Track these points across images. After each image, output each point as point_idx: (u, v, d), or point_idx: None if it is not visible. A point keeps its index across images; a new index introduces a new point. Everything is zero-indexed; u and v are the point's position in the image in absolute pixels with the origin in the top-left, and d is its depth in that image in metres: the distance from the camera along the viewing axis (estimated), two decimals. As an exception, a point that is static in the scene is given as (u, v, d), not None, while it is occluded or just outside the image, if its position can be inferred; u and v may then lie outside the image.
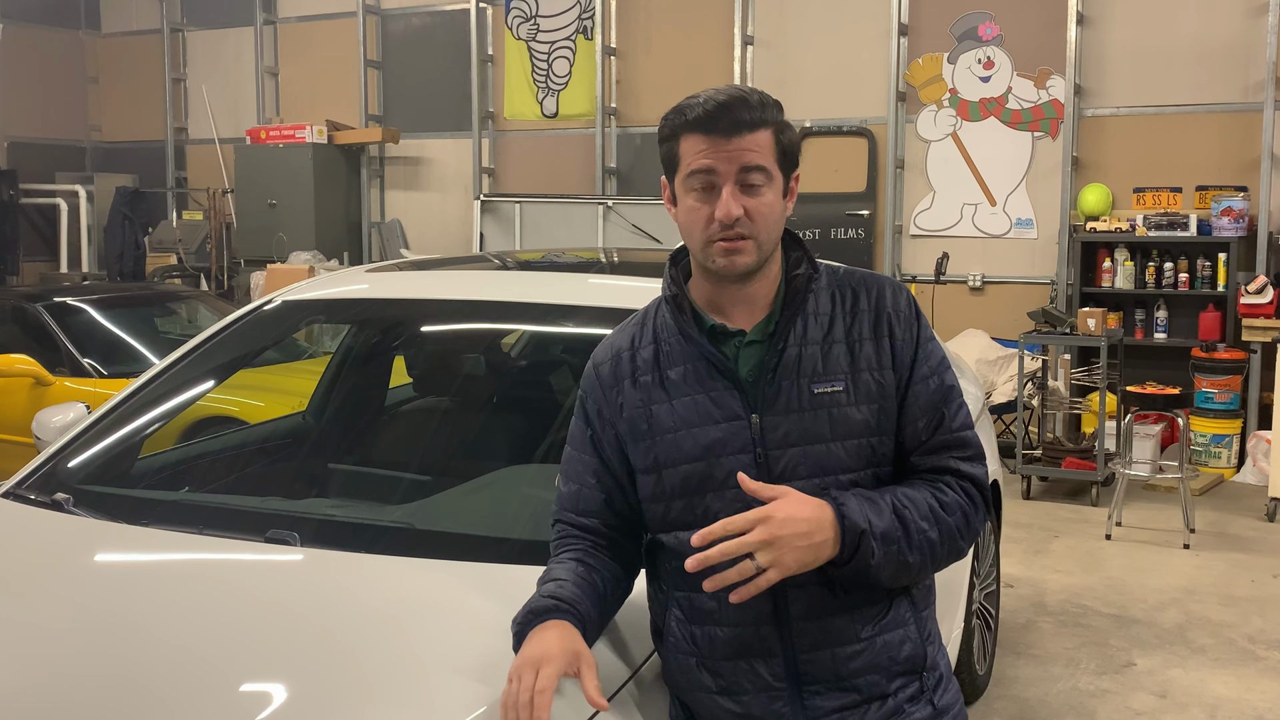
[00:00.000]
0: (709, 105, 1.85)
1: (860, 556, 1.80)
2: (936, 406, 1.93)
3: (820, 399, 1.88)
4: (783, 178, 1.90)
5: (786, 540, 1.74)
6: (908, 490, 1.89)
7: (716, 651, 1.92)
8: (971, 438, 1.97)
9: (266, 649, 2.08)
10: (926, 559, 1.88)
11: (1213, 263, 8.29)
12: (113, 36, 13.30)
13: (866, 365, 1.91)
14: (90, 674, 2.02)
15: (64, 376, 6.54)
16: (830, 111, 9.68)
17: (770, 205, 1.88)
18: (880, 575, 1.84)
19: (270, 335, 3.96)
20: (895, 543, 1.83)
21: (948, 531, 1.89)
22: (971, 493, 1.94)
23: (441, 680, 1.95)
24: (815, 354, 1.90)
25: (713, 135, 1.85)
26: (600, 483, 2.00)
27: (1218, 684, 4.57)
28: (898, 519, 1.84)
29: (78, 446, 3.04)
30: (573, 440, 2.06)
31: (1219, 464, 8.02)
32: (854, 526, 1.80)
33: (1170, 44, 8.57)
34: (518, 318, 3.44)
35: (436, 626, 2.15)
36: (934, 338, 1.99)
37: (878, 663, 1.91)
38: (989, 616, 4.46)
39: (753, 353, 1.92)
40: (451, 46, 11.21)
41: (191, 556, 2.53)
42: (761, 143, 1.85)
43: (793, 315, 1.92)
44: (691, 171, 1.87)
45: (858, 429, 1.89)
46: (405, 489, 2.91)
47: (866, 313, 1.94)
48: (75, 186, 12.45)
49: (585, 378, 2.06)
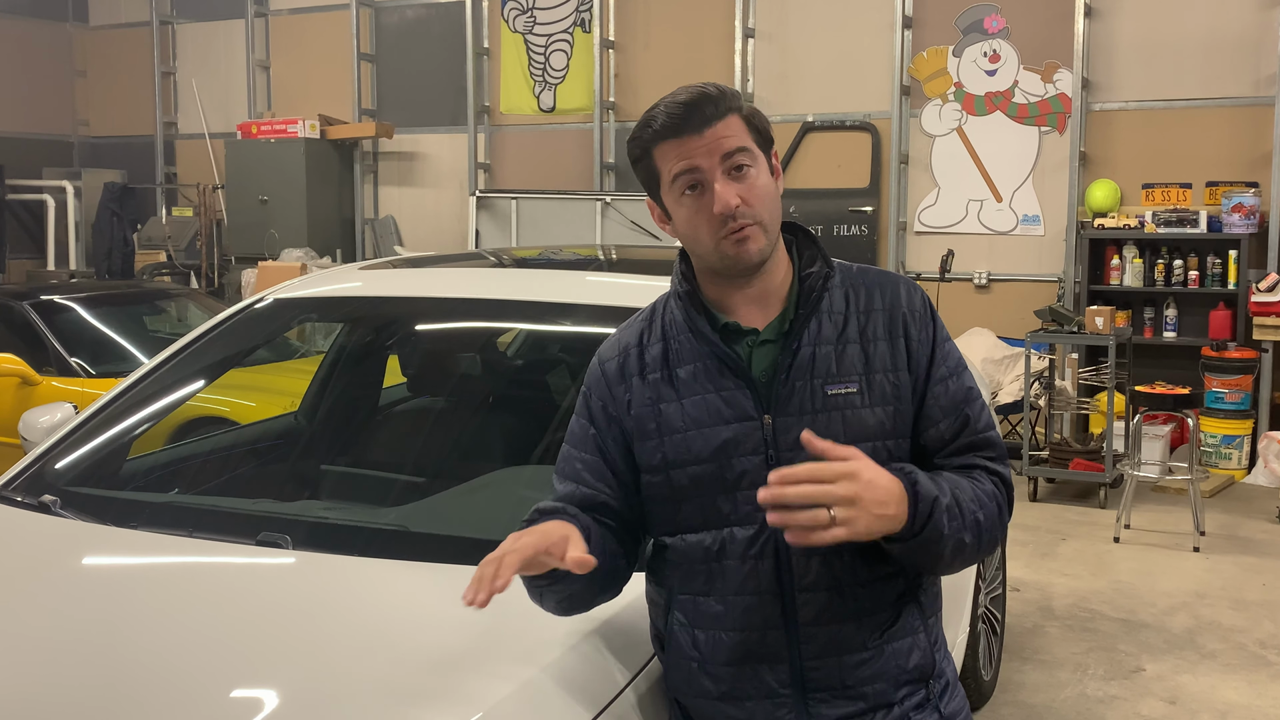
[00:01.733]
0: (672, 109, 1.85)
1: (932, 527, 1.78)
2: (959, 408, 1.93)
3: (834, 400, 1.88)
4: (765, 156, 1.90)
5: (866, 503, 1.70)
6: (952, 475, 1.89)
7: (720, 656, 1.91)
8: (996, 439, 1.97)
9: (258, 655, 2.08)
10: (976, 542, 1.87)
11: (1223, 260, 8.29)
12: (100, 29, 13.30)
13: (881, 366, 1.90)
14: (77, 681, 2.02)
15: (51, 376, 6.54)
16: (833, 106, 9.68)
17: (764, 185, 1.88)
18: (943, 551, 1.82)
19: (261, 334, 3.96)
20: (957, 519, 1.82)
21: (989, 518, 1.89)
22: (1001, 489, 1.94)
23: (437, 686, 1.95)
24: (829, 354, 1.89)
25: (684, 135, 1.85)
26: (600, 481, 1.98)
27: (1228, 690, 4.57)
28: (955, 498, 1.83)
29: (65, 447, 3.04)
30: (572, 439, 2.03)
31: (1229, 465, 8.02)
32: (927, 494, 1.78)
33: (1180, 37, 8.57)
34: (514, 316, 3.43)
35: (429, 631, 2.14)
36: (950, 338, 1.99)
37: (885, 671, 1.90)
38: (995, 621, 4.45)
39: (766, 352, 1.92)
40: (446, 39, 11.21)
41: (181, 560, 2.52)
42: (734, 127, 1.86)
43: (808, 314, 1.91)
44: (675, 177, 1.87)
45: (872, 431, 1.88)
46: (399, 491, 2.91)
47: (880, 312, 1.94)
48: (63, 182, 12.44)
49: (590, 374, 2.04)
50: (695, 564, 1.92)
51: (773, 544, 1.87)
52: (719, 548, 1.90)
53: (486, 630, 2.02)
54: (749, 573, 1.88)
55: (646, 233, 9.17)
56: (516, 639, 2.07)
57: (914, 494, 1.78)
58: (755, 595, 1.88)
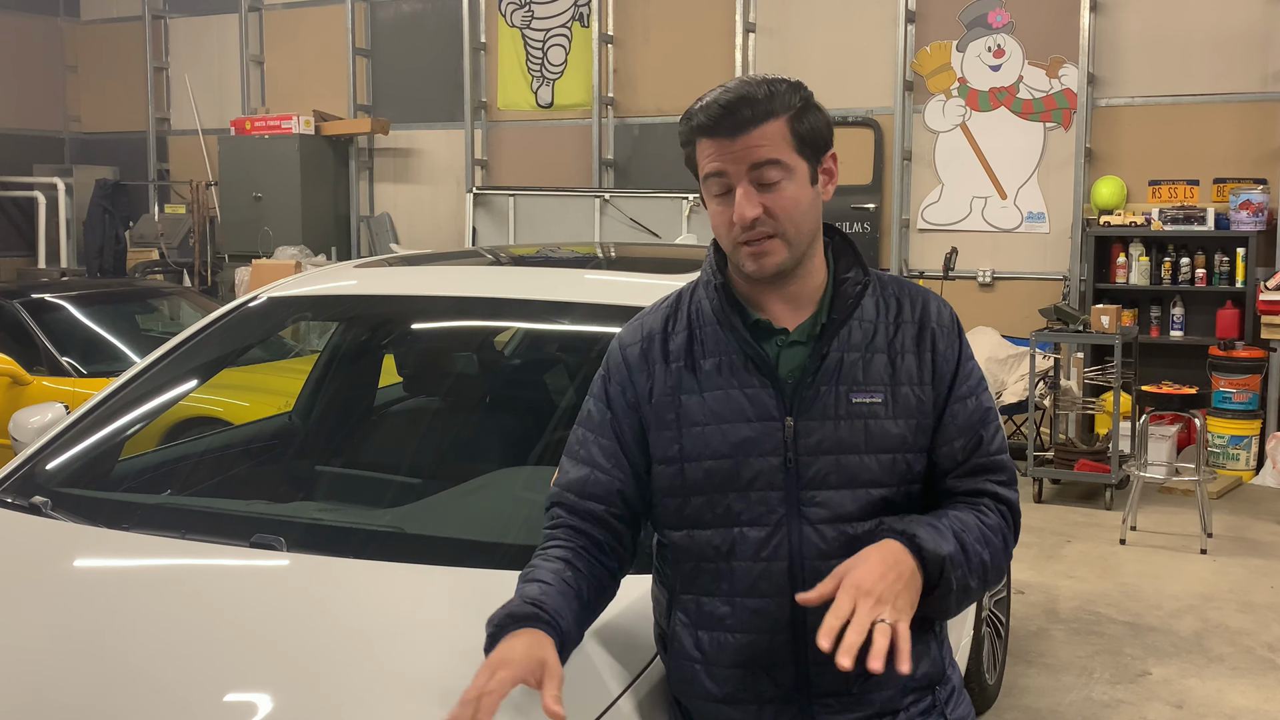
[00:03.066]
0: (711, 109, 1.84)
1: (944, 584, 1.79)
2: (974, 428, 1.93)
3: (858, 409, 1.88)
4: (807, 165, 1.88)
5: (884, 591, 1.71)
6: (958, 514, 1.89)
7: (724, 658, 1.91)
8: (1007, 462, 1.97)
9: (252, 659, 2.08)
10: (981, 584, 1.88)
11: (1231, 258, 8.29)
12: (92, 23, 13.29)
13: (907, 379, 1.91)
14: (68, 687, 2.01)
15: (42, 376, 6.54)
16: (835, 101, 9.67)
17: (792, 199, 1.86)
18: (950, 603, 1.83)
19: (255, 333, 3.96)
20: (960, 567, 1.82)
21: (994, 555, 1.90)
22: (1008, 517, 1.95)
23: (433, 691, 1.94)
24: (857, 362, 1.89)
25: (717, 137, 1.84)
26: (615, 467, 1.96)
27: (1236, 694, 4.57)
28: (959, 543, 1.83)
29: (56, 448, 3.03)
30: (587, 422, 2.02)
31: (1237, 466, 8.02)
32: (934, 556, 1.78)
33: (1187, 31, 8.57)
34: (511, 315, 3.44)
35: (426, 635, 2.14)
36: (973, 357, 1.99)
37: (892, 677, 1.89)
38: (999, 624, 4.45)
39: (794, 353, 1.91)
40: (443, 34, 11.20)
41: (174, 562, 2.52)
42: (771, 135, 1.84)
43: (842, 320, 1.91)
44: (706, 176, 1.88)
45: (893, 443, 1.88)
46: (395, 492, 2.91)
47: (910, 324, 1.94)
48: (54, 179, 12.44)
49: (610, 357, 2.03)
50: (702, 563, 1.92)
51: (786, 546, 1.87)
52: (729, 548, 1.89)
53: (483, 634, 2.01)
54: (760, 575, 1.88)
55: (646, 230, 9.17)
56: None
57: (920, 559, 1.78)
58: (765, 598, 1.88)
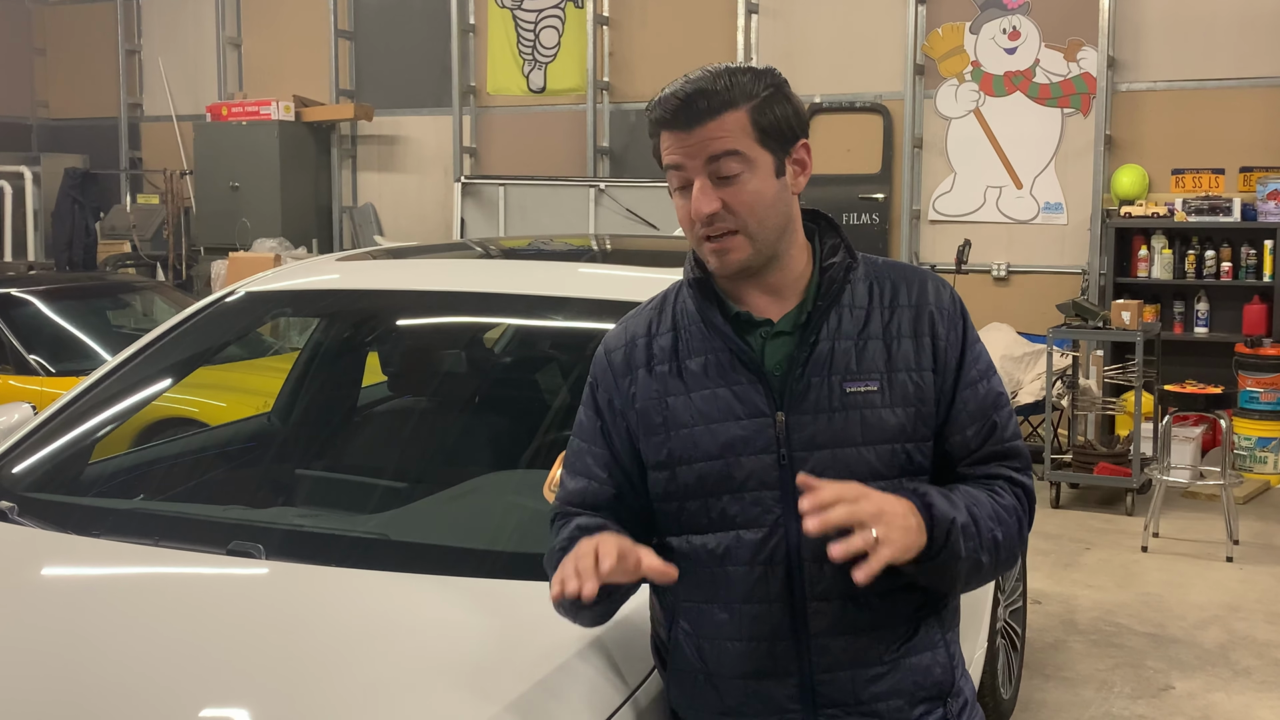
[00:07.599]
0: (668, 101, 1.86)
1: (950, 549, 1.81)
2: (987, 413, 1.94)
3: (853, 399, 1.88)
4: (771, 156, 1.88)
5: (893, 517, 1.74)
6: (972, 490, 1.90)
7: (726, 668, 1.92)
8: (1022, 448, 1.99)
9: (229, 671, 2.08)
10: (994, 561, 1.89)
11: (1258, 250, 8.30)
12: (61, 4, 13.27)
13: (904, 365, 1.91)
14: (37, 699, 2.02)
15: (8, 374, 6.55)
16: (842, 86, 9.68)
17: (754, 192, 1.87)
18: (959, 572, 1.85)
19: (233, 329, 3.96)
20: (973, 539, 1.84)
21: (1008, 536, 1.91)
22: (1024, 500, 1.96)
23: (419, 706, 1.95)
24: (849, 350, 1.90)
25: (675, 130, 1.87)
26: (611, 477, 1.99)
27: (1263, 709, 4.58)
28: (971, 516, 1.85)
29: (23, 450, 3.04)
30: (580, 432, 2.05)
31: (1265, 469, 8.03)
32: (943, 516, 1.80)
33: (1212, 12, 8.58)
34: (502, 311, 3.44)
35: (413, 646, 2.14)
36: (980, 339, 1.99)
37: (901, 687, 1.91)
38: (1015, 635, 4.46)
39: (780, 345, 1.92)
40: (430, 15, 11.20)
41: (147, 570, 2.52)
42: (729, 126, 1.84)
43: (828, 307, 1.92)
44: (666, 169, 1.90)
45: (891, 433, 1.89)
46: (379, 497, 2.91)
47: (906, 308, 1.94)
48: (20, 168, 12.42)
49: (596, 364, 2.06)
50: (700, 568, 1.92)
51: (784, 549, 1.88)
52: (724, 551, 1.90)
53: (473, 646, 2.02)
54: (758, 579, 1.89)
55: (643, 221, 9.18)
56: (505, 655, 2.07)
57: (929, 516, 1.79)
58: (763, 603, 1.89)
